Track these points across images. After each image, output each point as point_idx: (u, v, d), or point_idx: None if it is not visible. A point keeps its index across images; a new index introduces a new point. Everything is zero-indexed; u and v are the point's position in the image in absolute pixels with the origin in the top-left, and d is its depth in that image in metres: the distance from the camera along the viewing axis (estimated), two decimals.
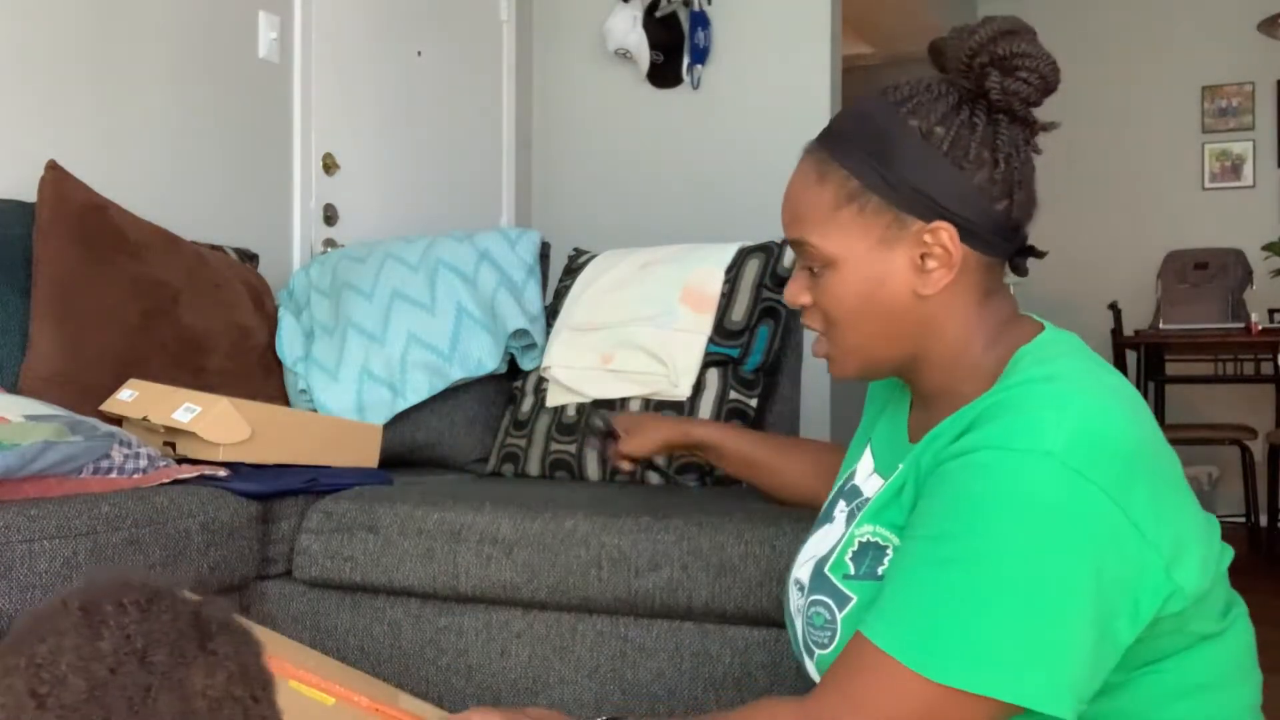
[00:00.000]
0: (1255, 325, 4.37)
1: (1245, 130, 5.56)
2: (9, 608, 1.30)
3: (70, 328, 1.93)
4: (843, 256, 0.97)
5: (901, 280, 0.97)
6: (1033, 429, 0.86)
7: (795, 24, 3.54)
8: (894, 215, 0.96)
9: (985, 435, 0.88)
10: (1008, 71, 0.94)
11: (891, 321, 0.98)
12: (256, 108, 2.79)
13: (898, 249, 0.96)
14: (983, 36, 0.95)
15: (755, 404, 1.98)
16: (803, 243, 1.00)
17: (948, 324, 0.99)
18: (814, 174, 0.99)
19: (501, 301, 2.25)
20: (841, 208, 0.97)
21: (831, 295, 0.99)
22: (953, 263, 0.96)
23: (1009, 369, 0.96)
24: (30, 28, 2.23)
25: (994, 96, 0.95)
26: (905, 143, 0.95)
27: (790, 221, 1.02)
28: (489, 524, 1.60)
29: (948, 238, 0.95)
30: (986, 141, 0.95)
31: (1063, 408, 0.88)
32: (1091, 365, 0.96)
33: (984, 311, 0.99)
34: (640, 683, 1.54)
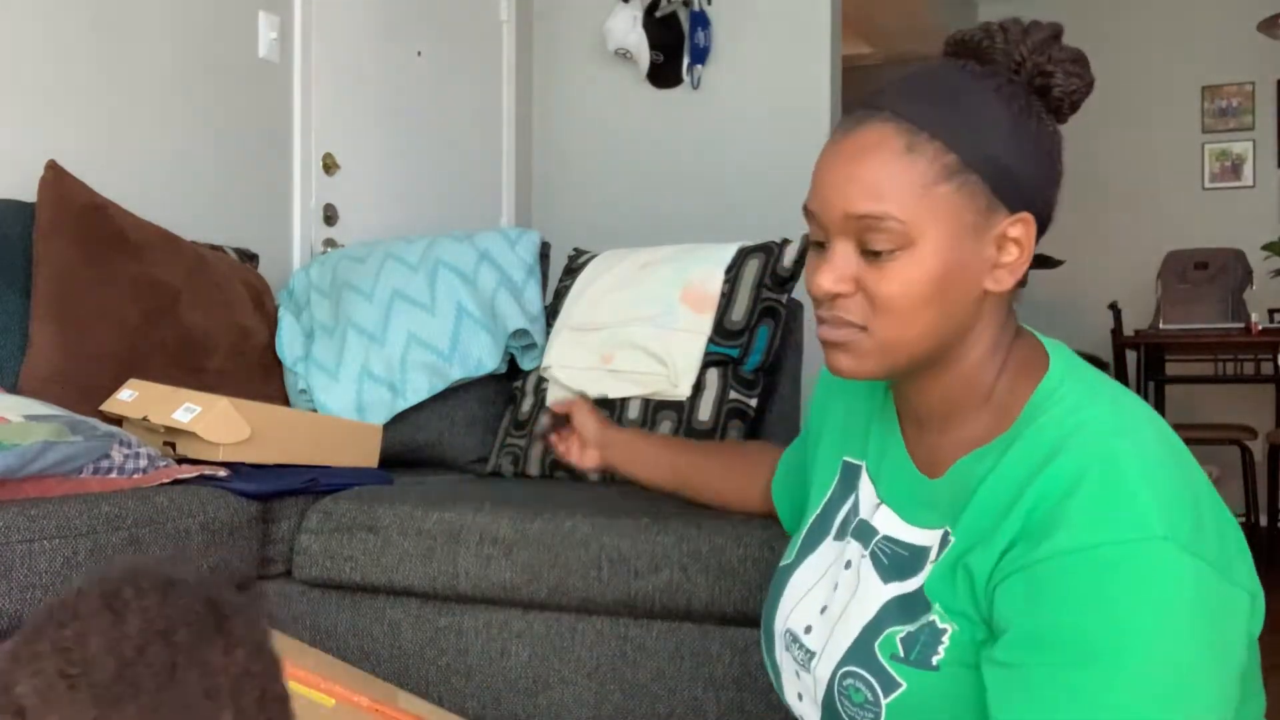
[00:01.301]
0: (1255, 325, 4.38)
1: (1245, 130, 5.57)
2: (9, 607, 1.30)
3: (70, 328, 1.93)
4: (927, 237, 0.87)
5: (977, 272, 0.89)
6: (1136, 511, 0.79)
7: (795, 24, 3.54)
8: (988, 199, 0.88)
9: (1083, 524, 0.80)
10: (1069, 74, 0.91)
11: (952, 316, 0.90)
12: (256, 108, 2.79)
13: (983, 236, 0.89)
14: (1041, 36, 0.91)
15: (755, 404, 1.98)
16: (883, 218, 0.87)
17: (985, 331, 0.92)
18: (901, 143, 0.87)
19: (501, 301, 2.25)
20: (939, 184, 0.87)
21: (901, 280, 0.88)
22: (1024, 260, 0.90)
23: (1035, 408, 0.89)
24: (30, 28, 2.23)
25: (1056, 94, 0.91)
26: (1004, 121, 0.88)
27: (862, 195, 0.88)
28: (489, 524, 1.60)
29: (1026, 232, 0.90)
30: (1054, 137, 0.92)
31: (1148, 476, 0.81)
32: (1116, 395, 0.90)
33: (1007, 326, 0.94)
34: (640, 682, 1.54)
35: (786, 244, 2.04)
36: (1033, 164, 0.89)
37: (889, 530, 0.98)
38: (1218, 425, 4.83)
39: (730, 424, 1.95)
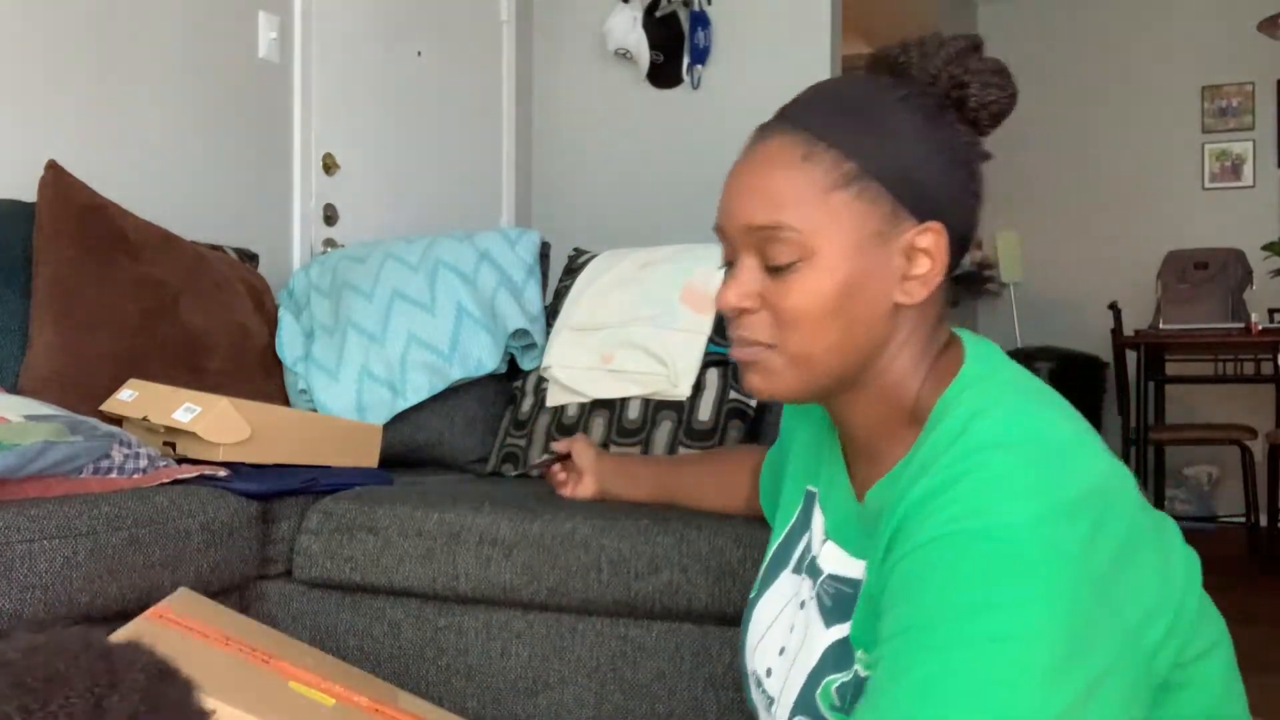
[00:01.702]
0: (1255, 325, 4.38)
1: (1245, 130, 5.57)
2: (9, 607, 1.31)
3: (70, 328, 1.93)
4: (828, 247, 0.85)
5: (883, 283, 0.86)
6: (999, 504, 0.76)
7: (795, 24, 3.55)
8: (891, 207, 0.86)
9: (943, 516, 0.77)
10: (985, 84, 0.88)
11: (858, 331, 0.87)
12: (256, 108, 2.79)
13: (888, 246, 0.86)
14: (955, 49, 0.89)
15: (755, 404, 1.98)
16: (778, 229, 0.86)
17: (904, 347, 0.89)
18: (798, 153, 0.87)
19: (501, 301, 2.25)
20: (836, 190, 0.85)
21: (802, 292, 0.86)
22: (936, 271, 0.87)
23: (938, 414, 0.86)
24: (30, 28, 2.23)
25: (971, 104, 0.88)
26: (907, 129, 0.86)
27: (759, 206, 0.87)
28: (488, 525, 1.60)
29: (936, 242, 0.86)
30: (967, 149, 0.89)
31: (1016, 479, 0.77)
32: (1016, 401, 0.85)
33: (932, 341, 0.91)
34: (640, 682, 1.54)
35: None
36: (941, 173, 0.87)
37: (833, 568, 0.94)
38: (1218, 425, 4.83)
39: (730, 424, 1.95)
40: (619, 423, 2.01)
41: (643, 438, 1.98)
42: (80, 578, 1.38)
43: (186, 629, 1.18)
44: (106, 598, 1.42)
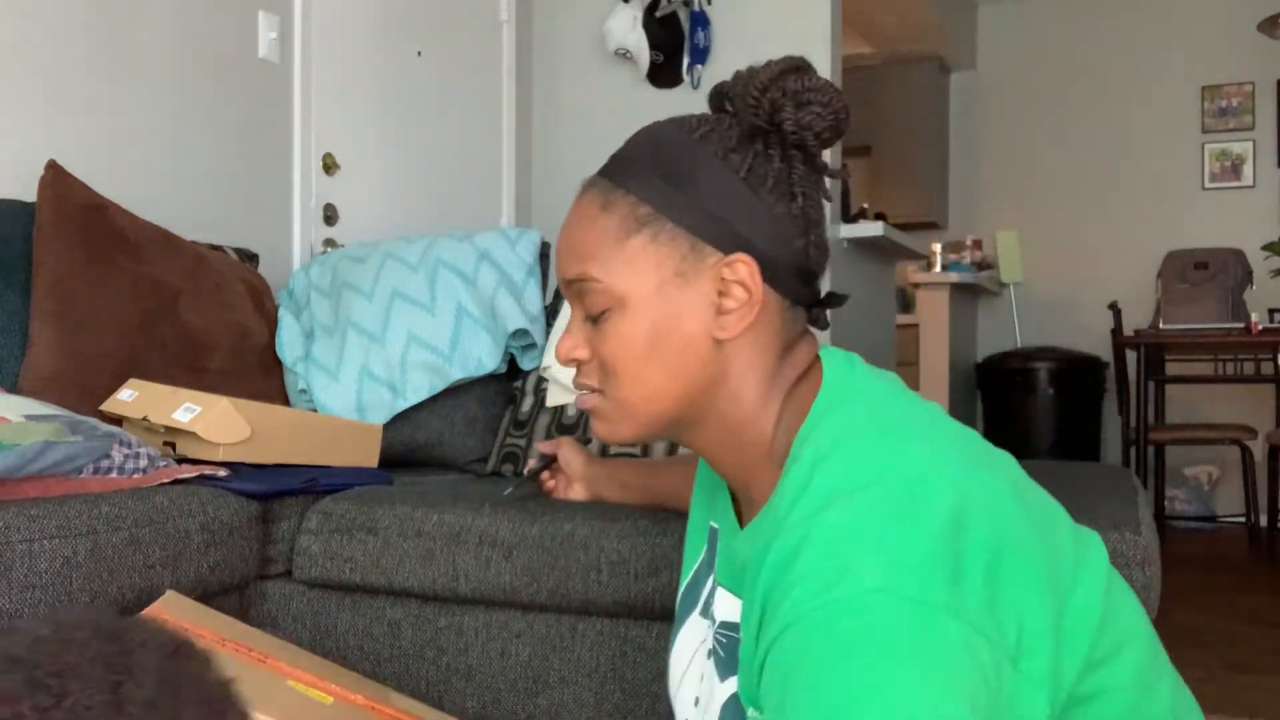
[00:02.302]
0: (1255, 325, 4.38)
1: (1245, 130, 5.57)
2: (9, 607, 1.31)
3: (70, 328, 1.93)
4: (632, 293, 0.86)
5: (697, 321, 0.86)
6: (845, 571, 0.71)
7: (795, 24, 3.55)
8: (690, 244, 0.85)
9: (794, 598, 0.72)
10: (800, 105, 0.87)
11: (682, 370, 0.86)
12: (256, 108, 2.79)
13: (694, 284, 0.86)
14: (771, 72, 0.87)
15: None
16: (584, 280, 0.87)
17: (742, 378, 0.87)
18: (596, 203, 0.88)
19: (501, 301, 2.25)
20: (630, 236, 0.86)
21: (616, 339, 0.86)
22: (753, 302, 0.85)
23: (793, 456, 0.82)
24: (30, 27, 2.23)
25: (788, 128, 0.87)
26: (702, 166, 0.86)
27: (567, 260, 0.88)
28: (488, 526, 1.60)
29: (747, 273, 0.85)
30: (783, 175, 0.87)
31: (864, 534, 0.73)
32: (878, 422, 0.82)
33: (780, 368, 0.88)
34: (640, 682, 1.54)
35: None
36: (744, 204, 0.86)
37: (724, 614, 0.92)
38: (1218, 425, 4.83)
39: None
40: None
41: None
42: (80, 578, 1.38)
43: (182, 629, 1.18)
44: (106, 598, 1.42)
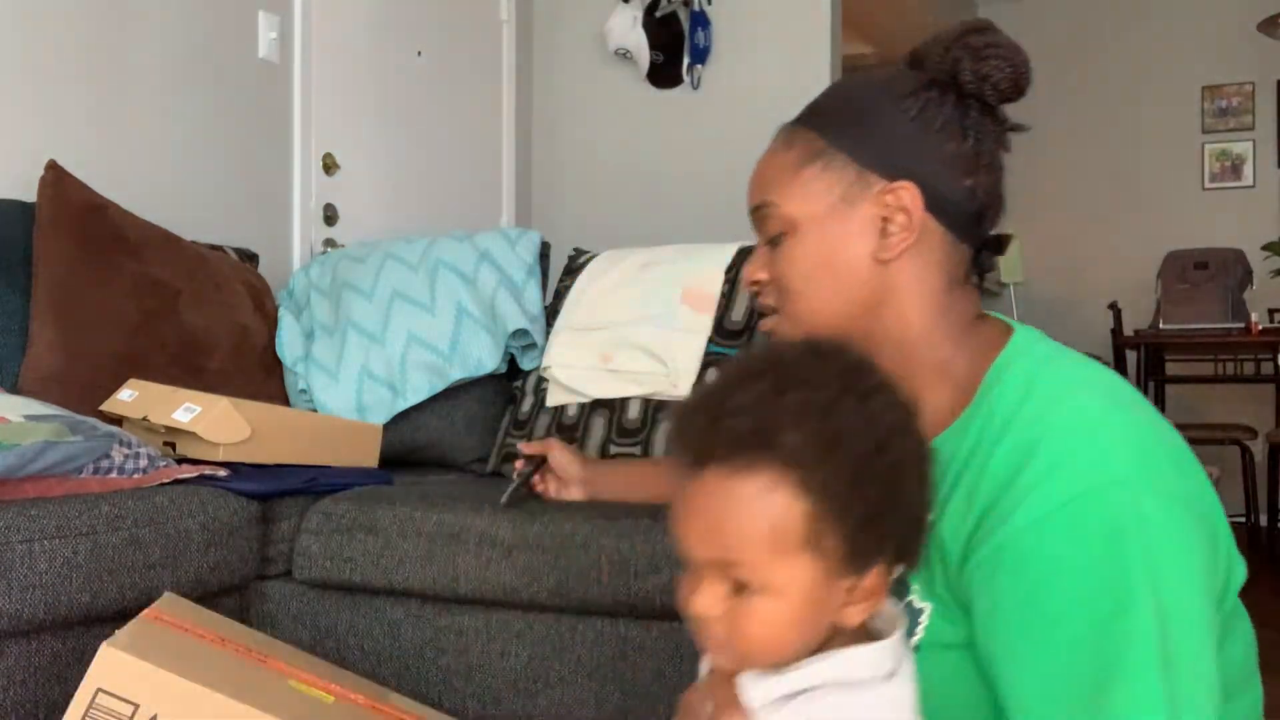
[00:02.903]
0: (1255, 325, 4.38)
1: (1245, 130, 5.57)
2: (9, 608, 1.31)
3: (70, 328, 1.93)
4: (803, 216, 0.95)
5: (861, 243, 0.94)
6: (1091, 462, 0.80)
7: (795, 24, 3.54)
8: (857, 172, 0.94)
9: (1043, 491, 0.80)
10: (980, 59, 0.95)
11: (849, 288, 0.95)
12: (256, 108, 2.79)
13: (859, 208, 0.94)
14: (955, 31, 0.96)
15: None
16: (764, 205, 0.98)
17: (907, 300, 0.95)
18: (781, 141, 1.00)
19: (501, 301, 2.25)
20: (804, 166, 0.96)
21: (789, 260, 0.96)
22: (913, 226, 0.93)
23: (991, 382, 0.90)
24: (30, 28, 2.23)
25: (965, 79, 0.95)
26: (875, 106, 0.96)
27: (752, 191, 1.00)
28: (488, 526, 1.60)
29: (909, 198, 0.93)
30: (954, 117, 0.95)
31: (1097, 428, 0.83)
32: (1071, 361, 0.92)
33: (948, 299, 0.95)
34: (640, 683, 1.54)
35: None
36: (907, 137, 0.94)
37: None
38: (1218, 425, 4.83)
39: None
40: (619, 423, 2.01)
41: (642, 438, 1.98)
42: (80, 578, 1.38)
43: (182, 629, 1.18)
44: (106, 598, 1.42)
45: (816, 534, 0.73)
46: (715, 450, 0.74)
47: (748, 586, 0.74)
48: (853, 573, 0.75)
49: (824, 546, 0.73)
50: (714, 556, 0.74)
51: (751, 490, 0.73)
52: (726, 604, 0.75)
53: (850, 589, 0.76)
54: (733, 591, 0.75)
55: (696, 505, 0.75)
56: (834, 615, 0.76)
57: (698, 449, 0.75)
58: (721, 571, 0.75)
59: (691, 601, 0.76)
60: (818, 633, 0.77)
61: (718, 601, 0.75)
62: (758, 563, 0.73)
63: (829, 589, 0.75)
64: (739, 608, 0.75)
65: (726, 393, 0.76)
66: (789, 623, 0.75)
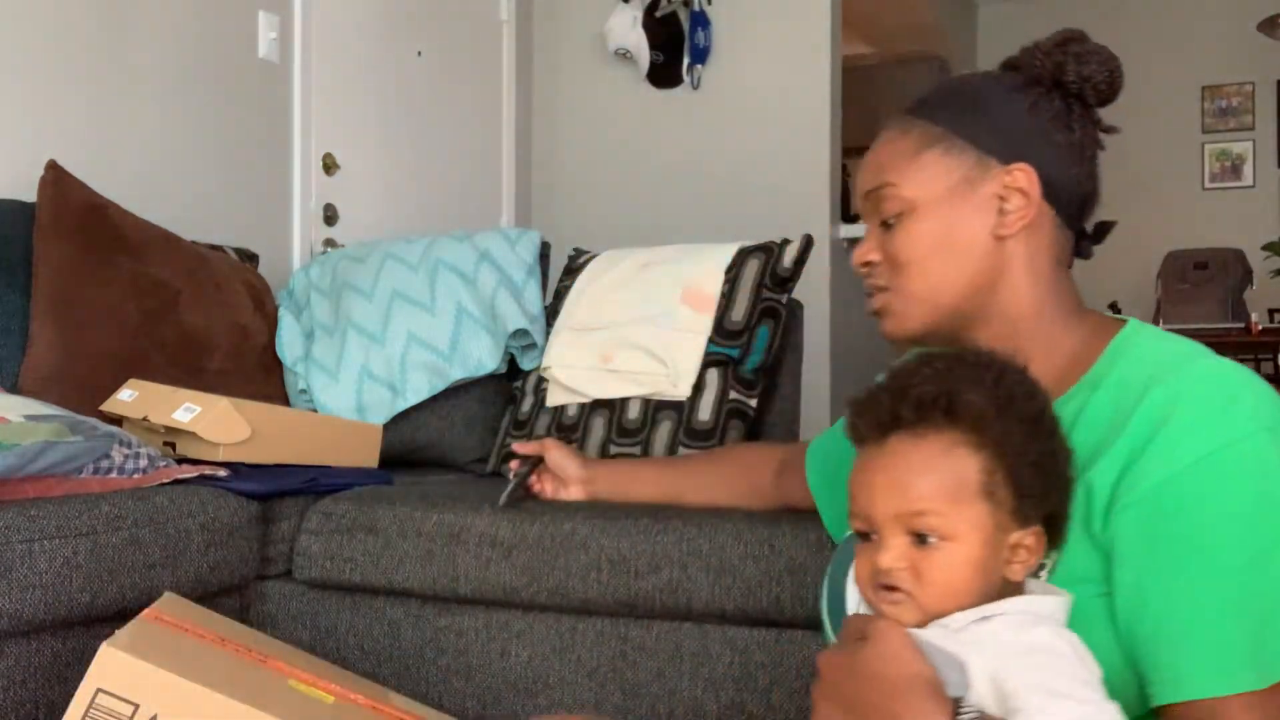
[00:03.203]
0: (1255, 325, 4.38)
1: (1245, 130, 5.57)
2: (9, 608, 1.31)
3: (70, 328, 1.93)
4: (923, 197, 1.01)
5: (980, 221, 1.00)
6: (1236, 413, 0.88)
7: (795, 24, 3.55)
8: (977, 156, 1.00)
9: (1190, 440, 0.87)
10: (1081, 62, 1.02)
11: (966, 263, 1.00)
12: (256, 108, 2.79)
13: (979, 189, 1.00)
14: (1056, 39, 1.04)
15: (755, 404, 1.98)
16: (883, 187, 1.02)
17: (1019, 278, 1.01)
18: (896, 128, 1.04)
19: (501, 301, 2.25)
20: (924, 151, 1.01)
21: (907, 238, 1.01)
22: (1031, 205, 0.99)
23: (1116, 353, 0.97)
24: (30, 27, 2.23)
25: (1069, 79, 1.01)
26: (991, 96, 1.02)
27: (868, 174, 1.05)
28: (488, 526, 1.60)
29: (1026, 180, 0.99)
30: (1062, 111, 1.02)
31: (1238, 382, 0.90)
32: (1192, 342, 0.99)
33: (1055, 281, 1.02)
34: (640, 683, 1.54)
35: (786, 244, 2.04)
36: (1025, 124, 1.01)
37: None
38: None
39: (730, 424, 1.95)
40: (619, 423, 2.01)
41: (643, 438, 1.98)
42: (80, 578, 1.38)
43: (181, 629, 1.18)
44: (106, 598, 1.42)
45: (991, 485, 0.84)
46: (901, 418, 0.86)
47: (930, 537, 0.84)
48: (1018, 525, 0.85)
49: (998, 497, 0.84)
50: (900, 510, 0.84)
51: (937, 448, 0.85)
52: (910, 557, 0.85)
53: (1014, 545, 0.85)
54: (915, 545, 0.85)
55: (881, 467, 0.86)
56: (1003, 569, 0.85)
57: (883, 420, 0.87)
58: (904, 525, 0.84)
59: (877, 560, 0.85)
60: (991, 584, 0.85)
61: (902, 555, 0.85)
62: (942, 511, 0.83)
63: (1000, 539, 0.85)
64: (923, 559, 0.84)
65: (907, 375, 0.89)
66: (970, 566, 0.84)
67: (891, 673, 0.81)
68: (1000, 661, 0.80)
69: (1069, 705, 0.77)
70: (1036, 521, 0.86)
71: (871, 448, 0.88)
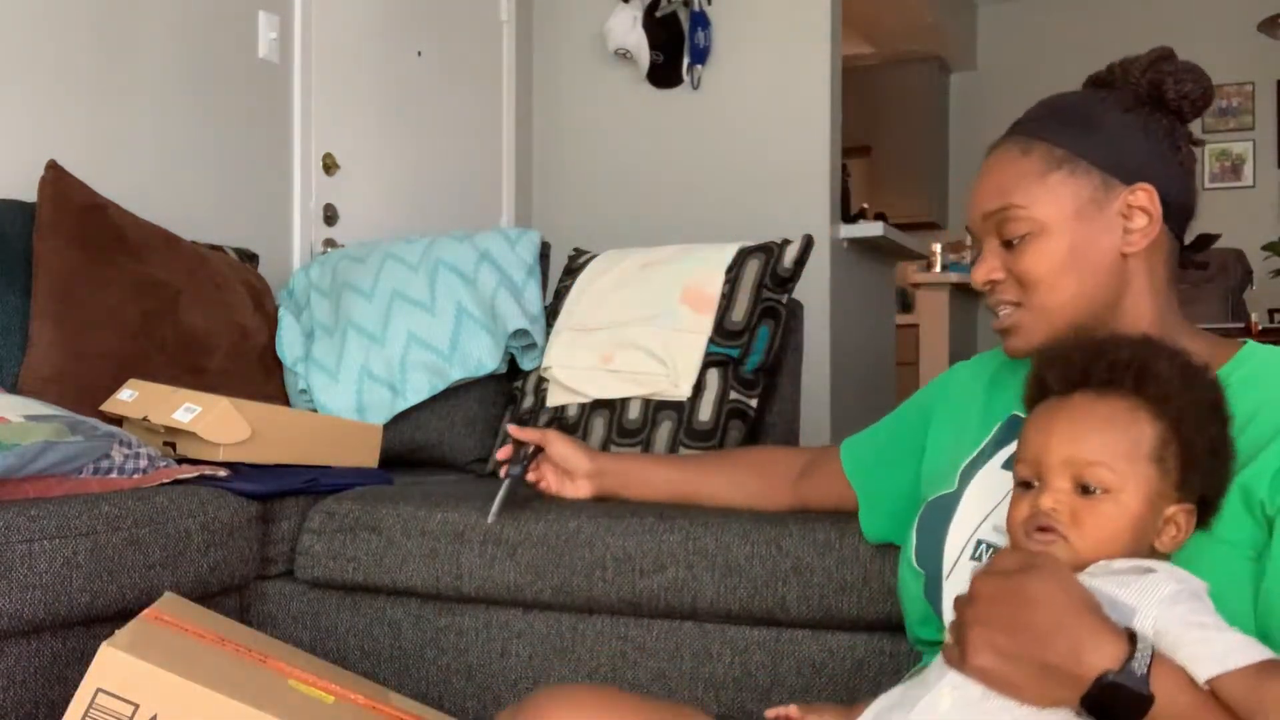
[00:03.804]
0: (1255, 325, 4.38)
1: (1245, 130, 5.57)
2: (9, 608, 1.30)
3: (70, 328, 1.93)
4: (1052, 219, 1.05)
5: (1108, 239, 1.05)
6: None
7: (795, 24, 3.54)
8: (1101, 178, 1.05)
9: None
10: (1179, 80, 1.07)
11: (1095, 279, 1.05)
12: (256, 108, 2.79)
13: (1106, 209, 1.05)
14: (1150, 57, 1.09)
15: (755, 404, 1.98)
16: (1008, 209, 1.06)
17: (1142, 293, 1.06)
18: (1017, 150, 1.08)
19: (501, 301, 2.25)
20: (1051, 173, 1.05)
21: (1037, 255, 1.05)
22: (1154, 223, 1.04)
23: (1240, 361, 1.02)
24: (31, 28, 2.23)
25: (1170, 97, 1.07)
26: (1106, 117, 1.07)
27: (991, 196, 1.08)
28: (492, 525, 1.60)
29: (1148, 199, 1.04)
30: (1168, 130, 1.08)
31: None
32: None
33: (1170, 293, 1.09)
34: (640, 683, 1.54)
35: (787, 244, 2.04)
36: (1142, 146, 1.06)
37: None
38: None
39: (730, 424, 1.95)
40: (619, 423, 2.01)
41: (643, 438, 1.98)
42: (80, 578, 1.38)
43: (181, 629, 1.18)
44: (106, 598, 1.42)
45: (1163, 454, 0.90)
46: (1091, 375, 0.93)
47: (1096, 489, 0.90)
48: (1177, 498, 0.91)
49: (1167, 466, 0.90)
50: (1073, 457, 0.91)
51: (1121, 408, 0.92)
52: (1071, 504, 0.91)
53: (1169, 518, 0.91)
54: (1077, 493, 0.91)
55: (1064, 417, 0.93)
56: (1154, 536, 0.91)
57: (1073, 377, 0.95)
58: (1072, 473, 0.91)
59: (1040, 501, 0.91)
60: (1140, 548, 0.91)
61: (1065, 500, 0.91)
62: (1114, 466, 0.90)
63: (1158, 507, 0.91)
64: (1085, 507, 0.90)
65: (1100, 341, 0.97)
66: (1127, 521, 0.90)
67: (1064, 598, 0.85)
68: (1161, 610, 0.84)
69: (1228, 634, 0.82)
70: (1192, 500, 0.91)
71: (1055, 400, 0.95)
